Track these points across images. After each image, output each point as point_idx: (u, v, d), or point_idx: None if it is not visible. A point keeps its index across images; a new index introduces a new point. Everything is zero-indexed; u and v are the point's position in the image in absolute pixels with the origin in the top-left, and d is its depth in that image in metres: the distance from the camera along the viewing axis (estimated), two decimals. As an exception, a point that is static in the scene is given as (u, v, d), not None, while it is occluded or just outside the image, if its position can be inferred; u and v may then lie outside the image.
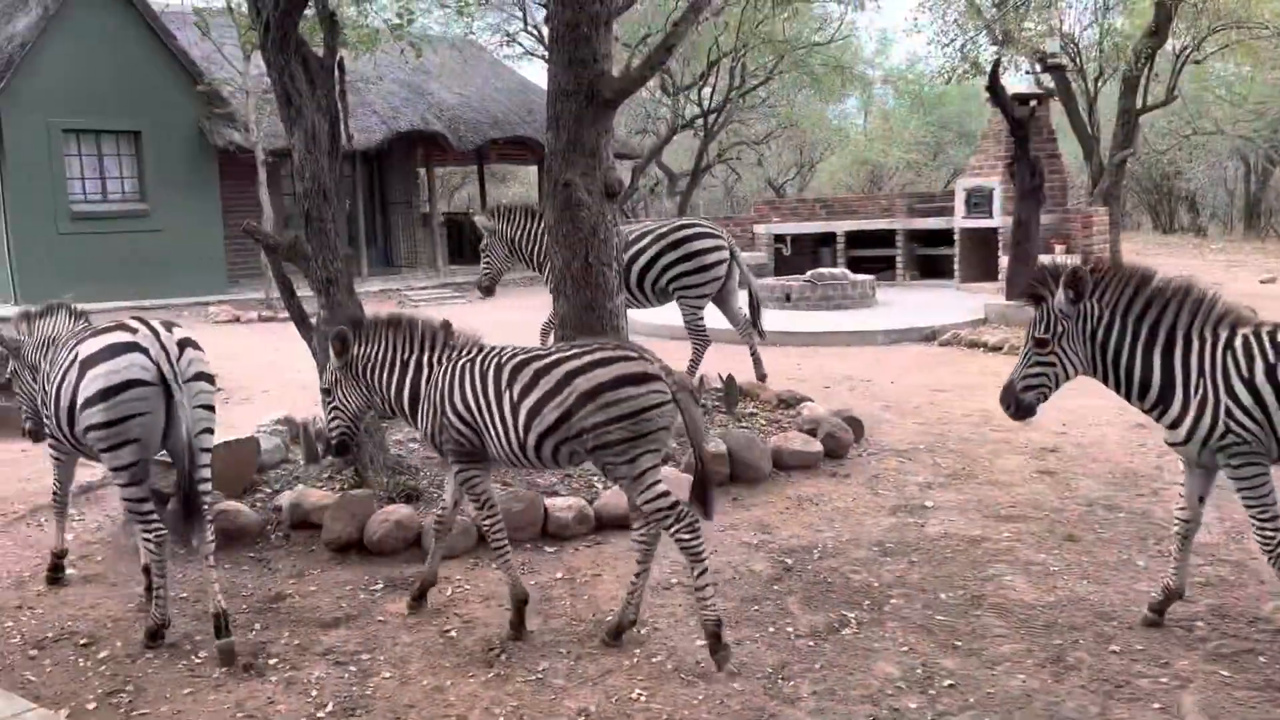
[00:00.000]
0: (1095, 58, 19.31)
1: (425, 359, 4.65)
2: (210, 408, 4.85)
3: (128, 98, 18.93)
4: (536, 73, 32.58)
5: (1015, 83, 17.26)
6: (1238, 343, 4.08)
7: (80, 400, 4.57)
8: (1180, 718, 3.82)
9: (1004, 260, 15.61)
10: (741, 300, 9.39)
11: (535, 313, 9.53)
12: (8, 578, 5.57)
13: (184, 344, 4.73)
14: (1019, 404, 4.40)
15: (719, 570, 5.27)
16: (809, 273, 15.54)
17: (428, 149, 24.35)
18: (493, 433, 4.44)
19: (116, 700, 4.16)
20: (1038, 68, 17.63)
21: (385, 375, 4.69)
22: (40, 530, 6.31)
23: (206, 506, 4.77)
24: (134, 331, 4.65)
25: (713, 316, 9.12)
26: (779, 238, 20.11)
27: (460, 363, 4.58)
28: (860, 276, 15.47)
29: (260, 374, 11.27)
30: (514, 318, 9.98)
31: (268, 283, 17.28)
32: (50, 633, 4.82)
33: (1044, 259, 12.42)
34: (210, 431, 4.87)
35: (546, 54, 9.96)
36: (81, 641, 4.71)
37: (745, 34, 19.81)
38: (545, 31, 12.11)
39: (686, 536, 4.21)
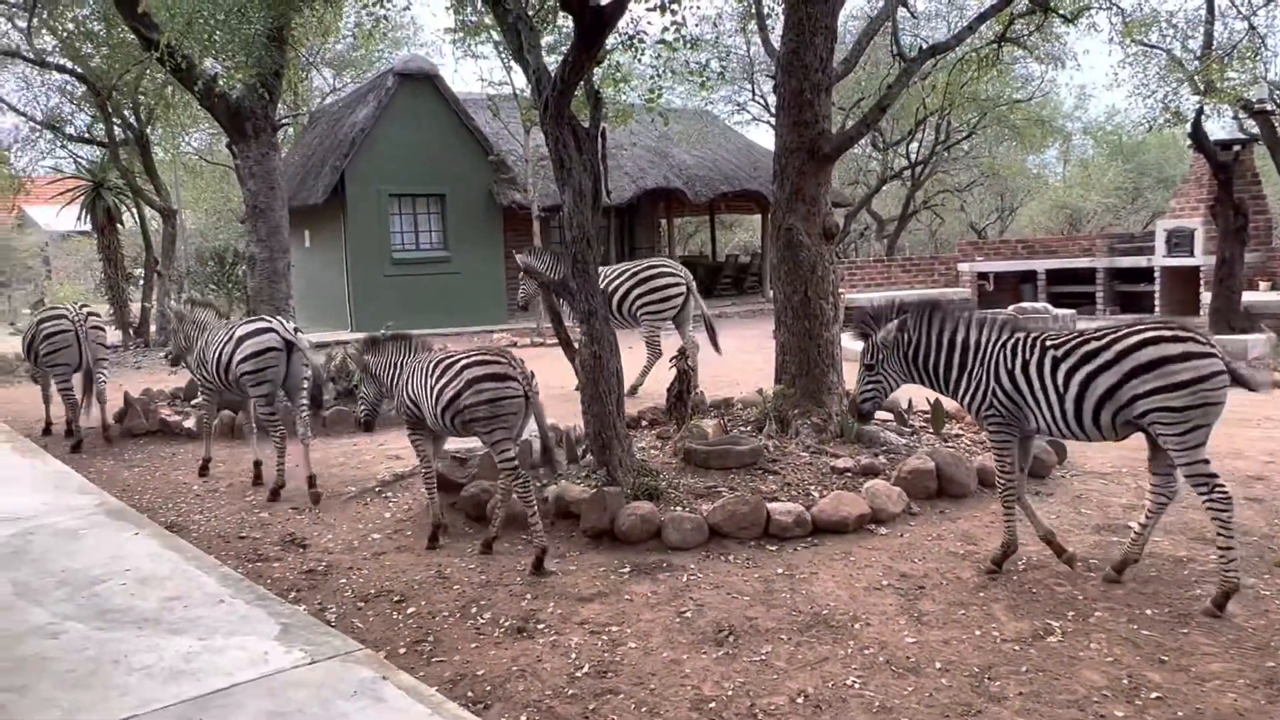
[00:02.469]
0: (1302, 102, 17.10)
1: (402, 361, 5.87)
2: (307, 364, 7.29)
3: (436, 167, 20.49)
4: (760, 135, 32.45)
5: (1217, 129, 15.59)
6: (1010, 345, 4.78)
7: (239, 359, 7.10)
8: None
9: (1206, 296, 14.12)
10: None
11: (751, 340, 9.45)
12: (341, 544, 6.03)
13: (297, 329, 7.31)
14: (860, 412, 5.19)
15: (927, 575, 5.01)
16: (1011, 307, 14.61)
17: (668, 202, 24.85)
18: (426, 408, 5.63)
19: (420, 648, 4.40)
20: (1242, 115, 15.82)
21: (387, 372, 5.95)
22: (365, 507, 6.78)
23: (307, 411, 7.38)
24: (269, 321, 7.27)
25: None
26: (982, 275, 19.09)
27: (414, 364, 5.78)
28: (1062, 311, 14.41)
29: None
30: (732, 344, 9.95)
31: (539, 314, 18.11)
32: (372, 590, 5.17)
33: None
34: (308, 379, 7.32)
35: (773, 118, 9.91)
36: (395, 599, 5.02)
37: (951, 94, 18.99)
38: (772, 100, 12.07)
39: (520, 488, 5.45)
